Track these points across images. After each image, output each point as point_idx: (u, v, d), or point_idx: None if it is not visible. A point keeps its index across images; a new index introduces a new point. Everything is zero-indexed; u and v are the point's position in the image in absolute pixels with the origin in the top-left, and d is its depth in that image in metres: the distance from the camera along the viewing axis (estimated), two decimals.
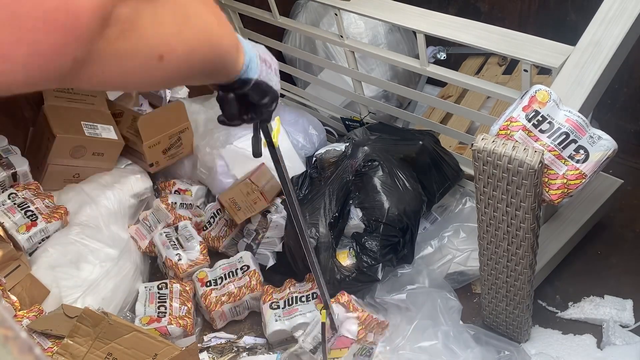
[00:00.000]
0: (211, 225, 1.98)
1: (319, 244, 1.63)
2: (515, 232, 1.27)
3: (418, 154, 1.77)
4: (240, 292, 1.72)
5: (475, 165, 1.20)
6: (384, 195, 1.69)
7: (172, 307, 1.69)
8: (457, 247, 1.75)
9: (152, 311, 1.67)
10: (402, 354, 1.51)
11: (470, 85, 1.65)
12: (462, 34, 1.53)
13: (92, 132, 1.84)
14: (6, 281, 1.56)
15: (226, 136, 1.99)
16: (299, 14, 2.33)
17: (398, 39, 2.26)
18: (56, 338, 1.44)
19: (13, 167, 1.78)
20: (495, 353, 1.50)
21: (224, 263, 1.82)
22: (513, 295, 1.45)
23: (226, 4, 2.18)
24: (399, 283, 1.68)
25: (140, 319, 1.63)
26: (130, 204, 1.91)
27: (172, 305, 1.69)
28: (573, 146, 1.15)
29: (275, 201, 1.88)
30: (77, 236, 1.73)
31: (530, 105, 1.17)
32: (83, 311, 1.37)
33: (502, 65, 2.25)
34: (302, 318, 1.62)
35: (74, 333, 1.36)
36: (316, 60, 2.18)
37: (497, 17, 2.26)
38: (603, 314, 1.60)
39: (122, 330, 1.38)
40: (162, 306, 1.68)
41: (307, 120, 2.12)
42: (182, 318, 1.66)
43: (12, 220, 1.69)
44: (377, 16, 1.71)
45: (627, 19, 1.27)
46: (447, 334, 1.51)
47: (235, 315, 1.76)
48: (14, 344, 0.32)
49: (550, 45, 1.39)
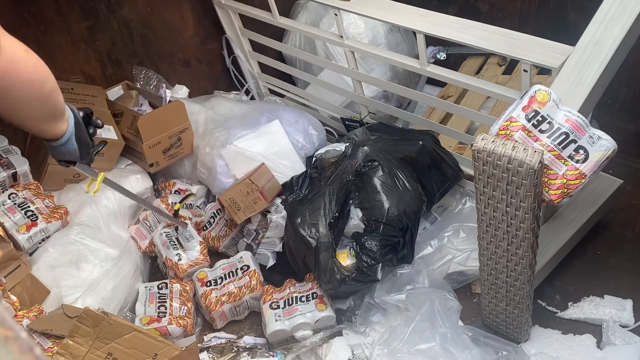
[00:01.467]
0: (211, 225, 1.98)
1: (319, 244, 1.64)
2: (515, 232, 1.27)
3: (418, 154, 1.77)
4: (240, 292, 1.72)
5: (475, 165, 1.20)
6: (384, 195, 1.69)
7: (172, 307, 1.69)
8: (457, 247, 1.75)
9: (152, 311, 1.67)
10: (399, 357, 1.51)
11: (470, 86, 1.65)
12: (462, 34, 1.53)
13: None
14: (6, 281, 1.56)
15: (226, 136, 2.00)
16: (299, 14, 2.33)
17: (398, 39, 2.27)
18: (56, 338, 1.44)
19: (13, 167, 1.78)
20: (493, 354, 1.50)
21: (224, 263, 1.83)
22: (513, 295, 1.45)
23: (226, 4, 2.18)
24: (399, 283, 1.68)
25: (140, 319, 1.63)
26: (130, 204, 1.91)
27: (172, 305, 1.69)
28: (573, 146, 1.15)
29: (275, 201, 1.88)
30: (77, 236, 1.73)
31: (530, 106, 1.17)
32: (83, 311, 1.37)
33: (502, 66, 2.25)
34: (302, 318, 1.62)
35: (74, 333, 1.35)
36: (316, 60, 2.18)
37: (497, 17, 2.26)
38: (603, 314, 1.60)
39: (122, 330, 1.38)
40: (162, 306, 1.68)
41: (307, 120, 2.12)
42: (182, 318, 1.66)
43: (13, 220, 1.69)
44: (377, 16, 1.71)
45: (627, 19, 1.28)
46: (445, 335, 1.51)
47: (235, 315, 1.76)
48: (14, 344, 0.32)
49: (550, 46, 1.40)
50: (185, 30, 2.30)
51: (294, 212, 1.73)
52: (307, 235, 1.65)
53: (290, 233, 1.74)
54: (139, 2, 2.12)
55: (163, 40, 2.24)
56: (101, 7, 2.03)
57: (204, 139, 2.03)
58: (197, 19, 2.30)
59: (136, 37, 2.16)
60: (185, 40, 2.31)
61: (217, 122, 2.08)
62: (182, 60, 2.34)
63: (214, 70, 2.46)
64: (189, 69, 2.38)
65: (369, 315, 1.68)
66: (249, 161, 1.93)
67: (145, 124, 1.88)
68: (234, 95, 2.43)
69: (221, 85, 2.49)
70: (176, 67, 2.33)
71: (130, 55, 2.18)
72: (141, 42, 2.19)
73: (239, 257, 1.84)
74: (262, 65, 2.42)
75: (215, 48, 2.41)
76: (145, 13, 2.15)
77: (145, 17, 2.16)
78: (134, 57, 2.19)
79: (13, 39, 0.93)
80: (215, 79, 2.48)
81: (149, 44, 2.21)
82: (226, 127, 2.03)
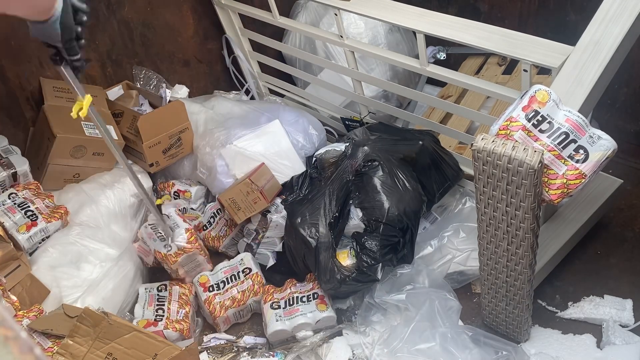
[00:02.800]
0: (211, 225, 1.98)
1: (319, 244, 1.63)
2: (515, 232, 1.27)
3: (418, 154, 1.77)
4: (244, 297, 1.72)
5: (475, 165, 1.20)
6: (384, 195, 1.69)
7: (170, 310, 1.68)
8: (456, 247, 1.75)
9: (150, 314, 1.66)
10: (399, 356, 1.51)
11: (470, 85, 1.65)
12: (462, 34, 1.53)
13: (92, 132, 1.84)
14: (6, 281, 1.56)
15: (226, 136, 2.00)
16: (299, 14, 2.33)
17: (398, 39, 2.27)
18: (56, 338, 1.44)
19: (13, 167, 1.78)
20: (493, 354, 1.50)
21: (225, 266, 1.82)
22: (513, 295, 1.45)
23: (226, 4, 2.18)
24: (399, 283, 1.68)
25: (137, 322, 1.63)
26: (131, 203, 1.91)
27: (170, 308, 1.69)
28: (573, 146, 1.15)
29: (275, 201, 1.88)
30: (77, 236, 1.73)
31: (530, 105, 1.17)
32: (83, 311, 1.37)
33: (501, 65, 2.25)
34: (303, 318, 1.62)
35: (74, 333, 1.36)
36: (316, 60, 2.18)
37: (497, 17, 2.26)
38: (603, 314, 1.60)
39: (122, 330, 1.38)
40: (161, 309, 1.68)
41: (307, 120, 2.12)
42: (179, 322, 1.65)
43: (12, 220, 1.69)
44: (377, 16, 1.71)
45: (627, 18, 1.28)
46: (445, 335, 1.51)
47: (239, 318, 1.76)
48: (14, 344, 0.32)
49: (550, 45, 1.40)
50: (185, 30, 2.30)
51: (294, 212, 1.73)
52: (307, 235, 1.65)
53: (291, 233, 1.74)
54: (139, 2, 2.12)
55: (163, 40, 2.24)
56: (101, 7, 2.03)
57: (204, 139, 2.03)
58: (197, 19, 2.30)
59: (136, 37, 2.16)
60: (185, 40, 2.31)
61: (217, 122, 2.08)
62: (182, 60, 2.34)
63: (214, 70, 2.46)
64: (189, 69, 2.38)
65: (369, 315, 1.68)
66: (249, 161, 1.93)
67: (145, 123, 1.88)
68: (234, 95, 2.43)
69: (221, 85, 2.49)
70: (176, 67, 2.33)
71: (130, 55, 2.18)
72: (141, 42, 2.19)
73: (240, 259, 1.83)
74: (262, 65, 2.42)
75: (215, 48, 2.41)
76: (145, 13, 2.15)
77: (145, 17, 2.16)
78: (134, 57, 2.19)
79: None
80: (215, 79, 2.48)
81: (149, 44, 2.22)
82: (226, 127, 2.03)
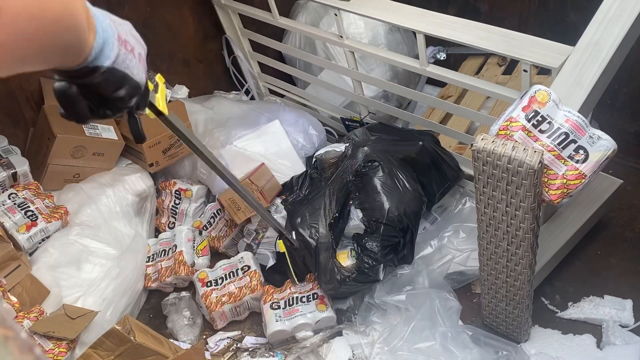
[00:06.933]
0: (211, 225, 1.98)
1: (318, 244, 1.63)
2: (514, 232, 1.27)
3: (418, 154, 1.77)
4: (241, 293, 1.72)
5: (475, 165, 1.20)
6: (384, 196, 1.69)
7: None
8: (456, 247, 1.75)
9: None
10: (399, 355, 1.51)
11: (470, 86, 1.65)
12: (462, 34, 1.53)
13: (92, 132, 1.84)
14: (6, 282, 1.56)
15: (226, 136, 2.00)
16: (299, 15, 2.33)
17: (398, 39, 2.26)
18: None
19: (13, 167, 1.78)
20: (493, 354, 1.50)
21: (224, 263, 1.82)
22: (513, 295, 1.45)
23: (226, 4, 2.18)
24: (399, 283, 1.68)
25: None
26: (131, 202, 1.91)
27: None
28: (573, 146, 1.15)
29: (275, 201, 1.88)
30: (77, 236, 1.73)
31: (530, 106, 1.17)
32: (111, 330, 1.40)
33: (501, 66, 2.25)
34: (302, 318, 1.62)
35: (98, 346, 1.40)
36: (316, 60, 2.18)
37: (497, 17, 2.26)
38: (603, 314, 1.60)
39: (145, 352, 1.40)
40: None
41: (307, 120, 2.12)
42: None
43: (12, 220, 1.69)
44: (377, 16, 1.71)
45: (627, 19, 1.27)
46: (445, 334, 1.51)
47: (236, 315, 1.76)
48: (14, 344, 0.32)
49: (550, 46, 1.39)
50: (185, 30, 2.30)
51: (294, 212, 1.73)
52: (307, 235, 1.65)
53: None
54: (139, 2, 2.12)
55: (163, 40, 2.24)
56: (101, 7, 2.02)
57: (204, 138, 2.03)
58: (197, 19, 2.30)
59: None
60: (185, 40, 2.31)
61: (217, 122, 2.08)
62: (182, 60, 2.34)
63: (214, 70, 2.46)
64: (189, 69, 2.38)
65: (369, 315, 1.68)
66: (248, 161, 1.93)
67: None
68: (234, 95, 2.43)
69: (221, 85, 2.49)
70: (176, 67, 2.33)
71: None
72: None
73: (240, 257, 1.84)
74: (262, 65, 2.42)
75: (215, 48, 2.41)
76: (145, 13, 2.15)
77: (145, 17, 2.16)
78: None
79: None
80: (215, 79, 2.48)
81: (149, 44, 2.17)
82: (226, 127, 2.03)
